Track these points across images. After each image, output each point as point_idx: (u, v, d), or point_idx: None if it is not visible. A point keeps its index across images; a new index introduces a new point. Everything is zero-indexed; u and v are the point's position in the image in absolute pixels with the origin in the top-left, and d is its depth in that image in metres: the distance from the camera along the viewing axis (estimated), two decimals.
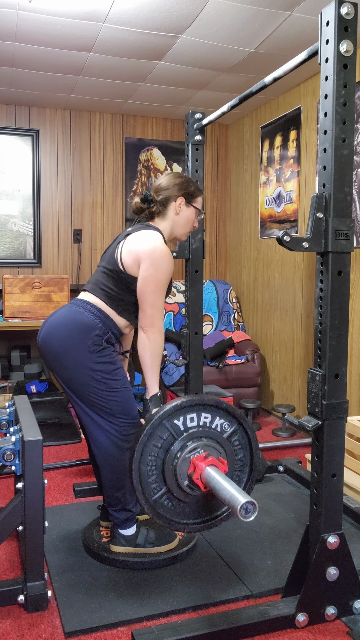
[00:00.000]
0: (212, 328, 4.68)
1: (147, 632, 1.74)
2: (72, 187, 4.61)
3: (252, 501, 1.44)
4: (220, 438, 1.66)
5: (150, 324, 2.10)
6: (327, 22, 1.69)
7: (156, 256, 2.09)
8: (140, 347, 2.12)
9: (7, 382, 4.14)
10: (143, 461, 1.60)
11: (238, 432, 1.69)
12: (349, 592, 1.87)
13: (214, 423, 1.66)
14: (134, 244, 2.14)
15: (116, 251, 2.18)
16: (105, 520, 2.39)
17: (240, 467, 1.72)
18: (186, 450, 1.62)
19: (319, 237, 1.73)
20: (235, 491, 1.48)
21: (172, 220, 2.27)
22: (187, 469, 1.62)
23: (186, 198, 2.26)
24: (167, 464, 1.61)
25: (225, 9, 2.80)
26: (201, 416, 1.65)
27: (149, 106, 4.47)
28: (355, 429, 2.87)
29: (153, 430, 1.61)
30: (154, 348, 2.11)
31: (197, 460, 1.61)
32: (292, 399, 4.15)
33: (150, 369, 2.14)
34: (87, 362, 2.05)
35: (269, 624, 1.80)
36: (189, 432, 1.63)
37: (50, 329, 2.13)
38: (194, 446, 1.62)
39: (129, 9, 2.82)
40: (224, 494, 1.50)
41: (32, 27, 3.02)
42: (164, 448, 1.62)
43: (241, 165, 4.85)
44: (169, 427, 1.62)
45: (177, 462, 1.61)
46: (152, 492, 1.63)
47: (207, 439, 1.65)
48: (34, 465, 1.88)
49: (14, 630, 1.82)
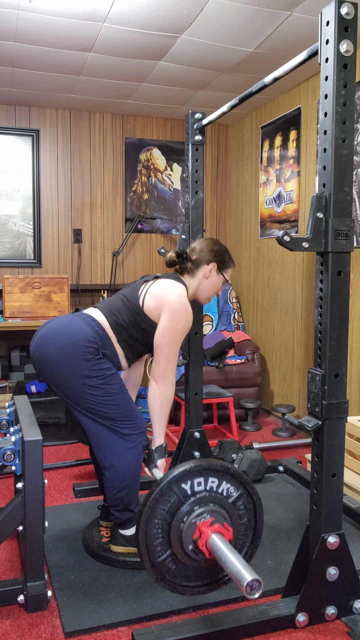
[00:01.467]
0: (212, 328, 4.68)
1: (147, 632, 1.74)
2: (72, 187, 4.61)
3: (258, 579, 1.46)
4: (226, 503, 1.68)
5: (163, 375, 2.14)
6: (327, 22, 1.69)
7: (179, 309, 2.13)
8: (151, 397, 2.15)
9: (7, 382, 4.14)
10: (150, 524, 1.62)
11: (243, 497, 1.72)
12: (349, 592, 1.87)
13: (220, 487, 1.69)
14: (161, 290, 2.18)
15: (141, 289, 2.22)
16: (105, 520, 2.39)
17: (244, 531, 1.74)
18: (193, 515, 1.64)
19: (319, 237, 1.73)
20: (242, 567, 1.50)
21: (200, 282, 2.32)
22: (193, 533, 1.63)
23: (219, 265, 2.32)
24: (173, 527, 1.63)
25: (225, 9, 2.80)
26: (208, 480, 1.67)
27: (149, 106, 4.47)
28: (355, 429, 2.87)
29: (161, 494, 1.62)
30: (164, 399, 2.15)
31: (203, 526, 1.63)
32: (292, 399, 4.15)
33: (159, 420, 2.17)
34: (81, 370, 2.05)
35: (269, 624, 1.80)
36: (196, 497, 1.65)
37: (44, 335, 2.12)
38: (200, 511, 1.64)
39: (129, 9, 2.82)
40: (230, 567, 1.52)
41: (32, 27, 3.02)
42: (170, 512, 1.64)
43: (241, 165, 4.85)
44: (176, 491, 1.63)
45: (184, 526, 1.63)
46: (157, 555, 1.64)
47: (213, 504, 1.66)
48: (34, 465, 1.88)
49: (14, 630, 1.82)
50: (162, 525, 1.63)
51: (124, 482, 2.12)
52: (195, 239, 2.78)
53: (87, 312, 2.22)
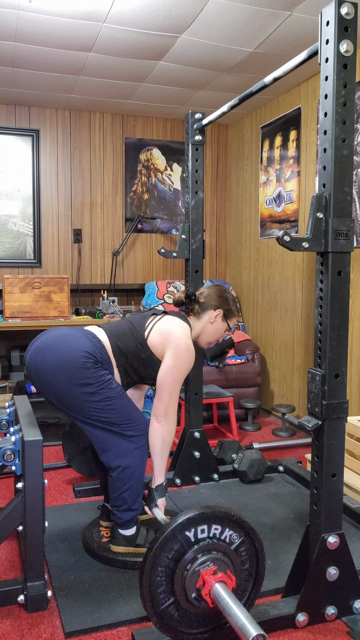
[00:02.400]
0: None
1: (147, 632, 1.74)
2: (72, 187, 4.61)
3: (263, 635, 1.46)
4: (229, 550, 1.69)
5: (165, 414, 2.16)
6: (327, 22, 1.69)
7: (183, 349, 2.17)
8: (153, 435, 2.17)
9: (7, 382, 4.14)
10: (154, 572, 1.62)
11: (246, 543, 1.72)
12: (349, 592, 1.87)
13: (223, 534, 1.70)
14: (167, 327, 2.21)
15: (148, 321, 2.25)
16: (105, 520, 2.39)
17: (246, 577, 1.75)
18: (196, 563, 1.64)
19: (319, 237, 1.73)
20: (246, 621, 1.50)
21: (204, 326, 2.36)
22: (197, 582, 1.64)
23: (225, 313, 2.38)
24: (177, 575, 1.64)
25: (225, 9, 2.80)
26: (212, 527, 1.68)
27: (149, 106, 4.47)
28: (355, 429, 2.87)
29: (166, 542, 1.63)
30: (165, 437, 2.17)
31: (206, 574, 1.63)
32: (292, 399, 4.15)
33: (160, 458, 2.20)
34: (80, 379, 2.05)
35: (269, 624, 1.80)
36: (200, 544, 1.66)
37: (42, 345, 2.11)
38: (204, 559, 1.65)
39: (129, 9, 2.82)
40: (235, 621, 1.52)
41: (32, 27, 3.02)
42: (174, 559, 1.65)
43: (241, 165, 4.85)
44: (180, 538, 1.64)
45: (187, 574, 1.63)
46: (160, 602, 1.64)
47: (216, 551, 1.67)
48: (34, 465, 1.88)
49: (14, 630, 1.82)
50: (165, 572, 1.64)
51: (128, 482, 2.13)
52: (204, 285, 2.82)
53: (90, 329, 2.22)
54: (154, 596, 1.63)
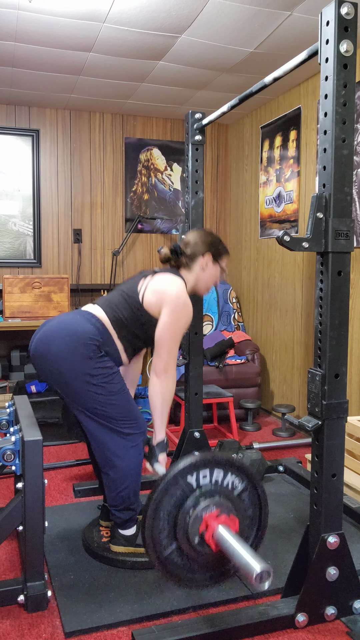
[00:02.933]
0: (212, 328, 4.68)
1: (147, 632, 1.74)
2: (72, 187, 4.61)
3: (268, 570, 1.45)
4: (231, 495, 1.67)
5: (164, 370, 2.14)
6: (327, 22, 1.69)
7: (180, 304, 2.13)
8: (152, 392, 2.15)
9: (7, 382, 4.14)
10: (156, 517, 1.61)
11: (248, 489, 1.71)
12: (349, 592, 1.86)
13: (225, 480, 1.68)
14: (161, 285, 2.17)
15: (140, 284, 2.21)
16: (105, 520, 2.39)
17: (249, 524, 1.73)
18: (199, 507, 1.63)
19: (319, 237, 1.73)
20: (251, 557, 1.49)
21: (197, 275, 2.32)
22: (199, 526, 1.62)
23: (214, 256, 2.31)
24: (179, 520, 1.62)
25: (225, 9, 2.80)
26: (214, 473, 1.66)
27: (149, 106, 4.47)
28: (355, 429, 2.87)
29: (167, 487, 1.61)
30: (165, 394, 2.15)
31: (210, 518, 1.62)
32: (292, 399, 4.15)
33: (160, 415, 2.17)
34: (83, 368, 2.05)
35: (268, 624, 1.80)
36: (202, 489, 1.64)
37: (45, 334, 2.11)
38: (206, 503, 1.63)
39: (129, 9, 2.82)
40: (239, 559, 1.51)
41: (32, 27, 3.02)
42: (176, 505, 1.63)
43: (241, 165, 4.85)
44: (182, 484, 1.63)
45: (189, 519, 1.62)
46: (162, 549, 1.63)
47: (219, 496, 1.66)
48: (34, 465, 1.88)
49: (14, 630, 1.82)
50: (167, 519, 1.62)
51: (125, 481, 2.12)
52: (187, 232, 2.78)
53: (87, 309, 2.22)
54: (157, 543, 1.61)
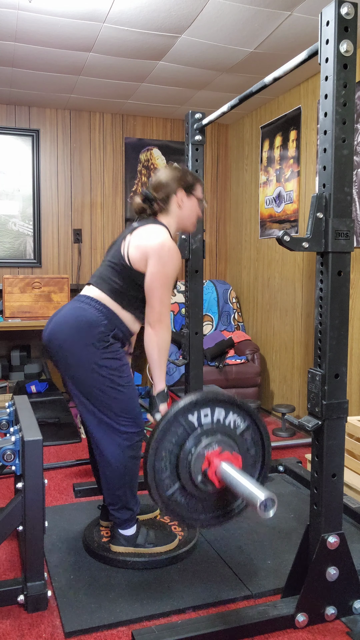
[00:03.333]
0: (212, 328, 4.68)
1: (147, 632, 1.74)
2: (72, 187, 4.61)
3: (272, 497, 1.43)
4: (234, 434, 1.65)
5: (158, 320, 2.10)
6: (327, 22, 1.69)
7: (164, 252, 2.09)
8: (148, 343, 2.12)
9: (7, 382, 4.14)
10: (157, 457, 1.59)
11: (251, 428, 1.69)
12: (349, 592, 1.86)
13: (227, 419, 1.65)
14: (142, 239, 2.13)
15: (122, 246, 2.17)
16: (105, 520, 2.39)
17: (253, 464, 1.71)
18: (200, 445, 1.61)
19: (319, 237, 1.73)
20: (254, 487, 1.47)
21: (176, 215, 2.26)
22: (202, 464, 1.61)
23: (186, 190, 2.25)
24: (181, 459, 1.60)
25: (225, 9, 2.80)
26: (215, 412, 1.64)
27: (149, 106, 4.46)
28: (355, 429, 2.87)
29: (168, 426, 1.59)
30: (161, 344, 2.11)
31: (212, 455, 1.60)
32: (292, 399, 4.15)
33: (158, 365, 2.14)
34: (93, 358, 2.05)
35: (268, 624, 1.80)
36: (204, 428, 1.62)
37: (55, 327, 2.12)
38: (208, 441, 1.61)
39: (129, 9, 2.82)
40: (242, 490, 1.49)
41: (32, 27, 3.02)
42: (177, 444, 1.61)
43: (241, 165, 4.85)
44: (183, 422, 1.61)
45: (192, 457, 1.60)
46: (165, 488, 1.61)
47: (220, 434, 1.64)
48: (34, 465, 1.88)
49: (14, 630, 1.82)
50: (169, 458, 1.60)
51: (122, 480, 2.12)
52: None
53: (85, 293, 2.19)
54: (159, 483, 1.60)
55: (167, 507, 1.63)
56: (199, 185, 2.30)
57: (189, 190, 2.25)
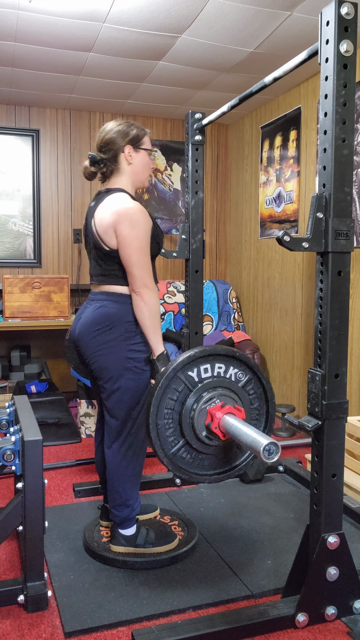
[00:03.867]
0: (212, 328, 4.68)
1: (147, 632, 1.74)
2: (72, 187, 4.61)
3: (274, 442, 1.44)
4: (236, 387, 1.64)
5: (142, 284, 2.04)
6: (327, 22, 1.69)
7: (128, 216, 2.03)
8: (137, 310, 2.06)
9: (7, 382, 4.14)
10: (159, 415, 1.58)
11: (252, 382, 1.68)
12: (349, 592, 1.87)
13: (228, 373, 1.65)
14: (103, 215, 2.08)
15: (92, 232, 2.13)
16: (105, 520, 2.39)
17: (256, 416, 1.71)
18: (202, 401, 1.60)
19: (319, 237, 1.73)
20: (256, 434, 1.47)
21: (128, 173, 2.19)
22: (205, 419, 1.60)
23: (133, 144, 2.16)
24: (184, 416, 1.60)
25: (225, 9, 2.80)
26: (215, 366, 1.63)
27: (149, 106, 4.46)
28: (355, 429, 2.87)
29: (168, 383, 1.58)
30: (150, 308, 2.05)
31: (214, 410, 1.59)
32: (292, 399, 4.15)
33: (152, 330, 2.07)
34: (121, 351, 2.05)
35: (269, 624, 1.80)
36: (204, 383, 1.62)
37: (84, 324, 2.13)
38: (210, 396, 1.61)
39: (129, 9, 2.82)
40: (245, 439, 1.49)
41: (32, 27, 3.02)
42: (179, 400, 1.61)
43: (241, 165, 4.85)
44: (183, 379, 1.60)
45: (194, 413, 1.59)
46: (170, 446, 1.61)
47: (222, 388, 1.63)
48: (34, 465, 1.88)
49: (14, 630, 1.82)
50: (172, 416, 1.60)
51: (123, 476, 2.13)
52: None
53: (97, 291, 2.18)
54: (163, 440, 1.60)
55: (174, 465, 1.62)
56: (145, 135, 2.21)
57: (136, 143, 2.17)
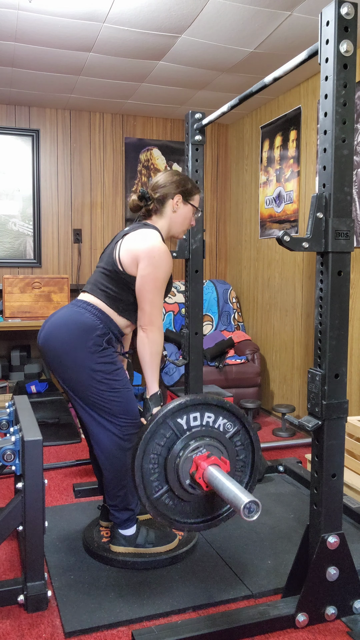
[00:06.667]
0: (212, 328, 4.68)
1: (147, 632, 1.74)
2: (72, 187, 4.61)
3: (255, 501, 1.44)
4: (223, 438, 1.65)
5: (150, 322, 2.10)
6: (327, 22, 1.69)
7: (154, 255, 2.09)
8: (140, 345, 2.12)
9: (7, 382, 4.14)
10: (145, 459, 1.60)
11: (240, 433, 1.69)
12: (349, 592, 1.87)
13: (216, 423, 1.66)
14: (132, 243, 2.14)
15: (114, 251, 2.18)
16: (105, 520, 2.39)
17: (242, 468, 1.72)
18: (189, 449, 1.61)
19: (319, 237, 1.73)
20: (238, 491, 1.48)
21: (170, 218, 2.27)
22: (189, 467, 1.61)
23: (183, 196, 2.26)
24: (170, 462, 1.61)
25: (225, 9, 2.80)
26: (204, 415, 1.64)
27: (149, 106, 4.47)
28: (355, 429, 2.87)
29: (156, 428, 1.60)
30: (153, 347, 2.11)
31: (200, 459, 1.60)
32: (292, 399, 4.15)
33: (150, 368, 2.13)
34: (88, 362, 2.05)
35: (269, 624, 1.80)
36: (192, 431, 1.63)
37: (51, 329, 2.13)
38: (197, 445, 1.62)
39: (129, 9, 2.82)
40: (227, 494, 1.50)
41: (32, 27, 3.02)
42: (166, 446, 1.62)
43: (241, 165, 4.85)
44: (172, 425, 1.61)
45: (180, 460, 1.60)
46: (153, 490, 1.62)
47: (209, 438, 1.64)
48: (34, 465, 1.88)
49: (14, 630, 1.82)
50: (158, 460, 1.61)
51: (122, 481, 2.12)
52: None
53: (82, 298, 2.20)
54: (147, 484, 1.61)
55: (155, 509, 1.64)
56: (197, 194, 2.32)
57: (187, 197, 2.27)
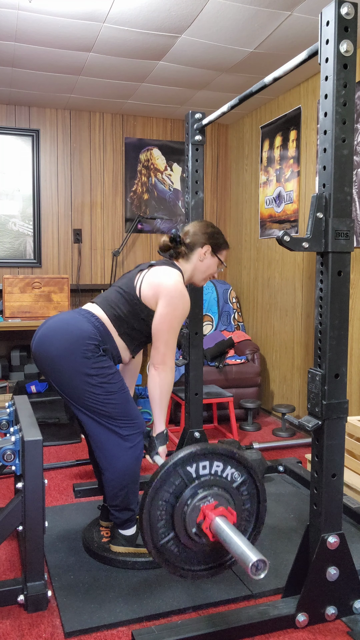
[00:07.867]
0: (212, 328, 4.68)
1: (147, 632, 1.74)
2: (72, 187, 4.61)
3: (264, 559, 1.46)
4: (230, 487, 1.68)
5: (162, 361, 2.14)
6: (327, 22, 1.69)
7: (176, 295, 2.12)
8: (151, 384, 2.15)
9: (7, 382, 4.14)
10: (154, 505, 1.61)
11: (247, 483, 1.72)
12: (349, 592, 1.87)
13: (225, 472, 1.69)
14: (156, 277, 2.17)
15: (137, 279, 2.21)
16: (105, 520, 2.39)
17: (247, 517, 1.74)
18: (197, 497, 1.63)
19: (319, 237, 1.73)
20: (246, 547, 1.50)
21: (195, 266, 2.31)
22: (197, 516, 1.63)
23: (213, 248, 2.31)
24: (177, 510, 1.63)
25: (225, 9, 2.80)
26: (213, 464, 1.68)
27: (149, 106, 4.47)
28: (355, 429, 2.87)
29: (167, 476, 1.62)
30: (163, 386, 2.15)
31: (207, 509, 1.62)
32: (292, 399, 4.15)
33: (159, 407, 2.17)
34: (82, 367, 2.05)
35: (269, 624, 1.80)
36: (201, 480, 1.65)
37: (46, 332, 2.12)
38: (205, 494, 1.64)
39: (129, 9, 2.82)
40: (235, 549, 1.52)
41: (32, 27, 3.02)
42: (174, 494, 1.64)
43: (241, 165, 4.85)
44: (181, 473, 1.64)
45: (187, 509, 1.63)
46: (159, 537, 1.64)
47: (217, 487, 1.67)
48: (34, 465, 1.88)
49: (14, 630, 1.82)
50: (165, 508, 1.63)
51: (123, 482, 2.12)
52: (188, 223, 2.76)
53: (86, 308, 2.22)
54: (154, 530, 1.62)
55: (161, 556, 1.66)
56: (226, 250, 2.38)
57: (216, 249, 2.32)
